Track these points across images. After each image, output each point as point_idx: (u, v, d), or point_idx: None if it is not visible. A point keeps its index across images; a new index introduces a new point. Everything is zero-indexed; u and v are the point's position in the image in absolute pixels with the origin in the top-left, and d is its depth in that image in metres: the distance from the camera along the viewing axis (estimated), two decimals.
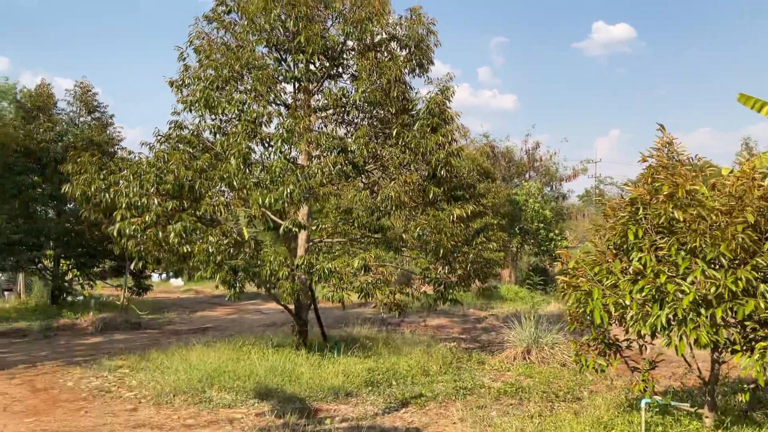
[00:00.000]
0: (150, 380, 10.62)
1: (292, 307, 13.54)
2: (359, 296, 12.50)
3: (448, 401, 9.69)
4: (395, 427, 8.25)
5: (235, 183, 11.65)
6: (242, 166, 11.76)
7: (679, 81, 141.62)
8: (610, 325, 7.85)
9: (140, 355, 12.69)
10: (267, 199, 11.11)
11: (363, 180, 14.50)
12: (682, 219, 7.05)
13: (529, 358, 12.76)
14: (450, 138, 13.03)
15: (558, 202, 35.97)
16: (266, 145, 12.69)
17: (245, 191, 12.17)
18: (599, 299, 7.59)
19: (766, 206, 6.91)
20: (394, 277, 16.39)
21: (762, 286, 6.64)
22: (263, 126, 12.59)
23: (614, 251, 8.09)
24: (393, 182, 12.37)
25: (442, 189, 13.20)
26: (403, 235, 13.69)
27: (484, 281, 15.58)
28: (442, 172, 12.85)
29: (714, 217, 6.92)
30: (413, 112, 13.58)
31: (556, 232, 31.14)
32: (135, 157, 13.04)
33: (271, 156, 12.45)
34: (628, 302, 7.21)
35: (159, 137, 13.31)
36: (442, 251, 12.73)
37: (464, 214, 12.86)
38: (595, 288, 7.67)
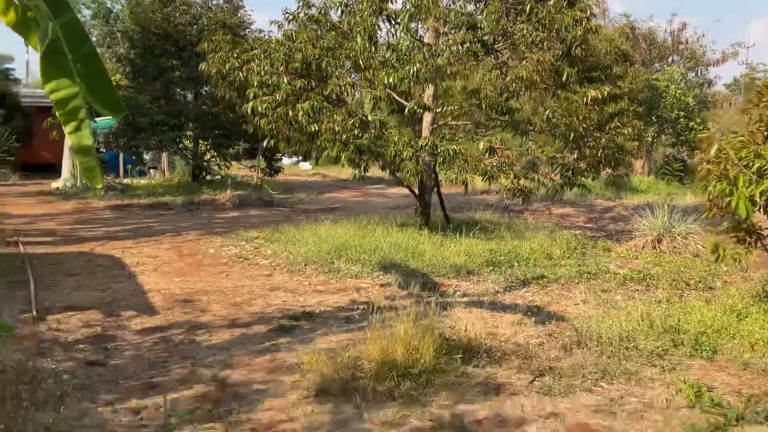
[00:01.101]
0: (283, 250, 11.27)
1: (415, 189, 13.69)
2: (483, 179, 12.38)
3: (571, 284, 9.62)
4: (516, 303, 8.32)
5: (360, 62, 11.62)
6: (368, 44, 11.67)
7: None
8: (754, 213, 7.34)
9: (273, 228, 13.42)
10: (392, 78, 11.02)
11: (492, 60, 13.99)
12: None
13: (659, 247, 12.28)
14: (588, 13, 12.18)
15: (703, 89, 33.23)
16: (393, 21, 12.43)
17: (371, 71, 12.11)
18: (744, 188, 7.06)
19: None
20: (520, 163, 16.03)
21: None
22: (390, 2, 12.30)
23: (765, 133, 7.44)
24: (525, 61, 11.84)
25: (576, 69, 12.50)
26: (533, 118, 13.24)
27: (616, 168, 14.94)
28: (578, 51, 12.13)
29: None
30: None
31: (698, 121, 28.95)
32: (266, 36, 13.27)
33: (398, 33, 12.23)
34: None
35: (287, 15, 13.39)
36: (573, 135, 12.25)
37: (599, 96, 12.19)
38: (741, 175, 7.13)
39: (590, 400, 5.14)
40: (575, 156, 13.24)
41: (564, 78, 12.08)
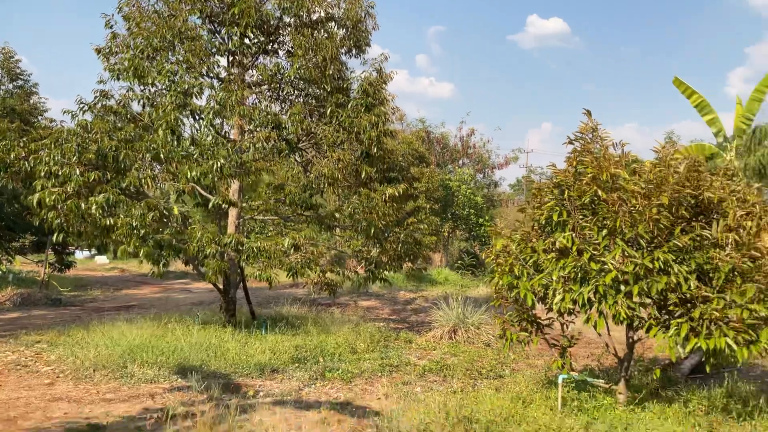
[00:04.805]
0: (69, 355, 10.27)
1: (220, 285, 13.33)
2: (288, 275, 12.39)
3: (374, 377, 9.77)
4: (320, 401, 8.25)
5: (162, 155, 11.32)
6: (170, 138, 11.46)
7: (610, 77, 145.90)
8: (535, 305, 8.09)
9: (59, 330, 12.25)
10: (195, 172, 10.86)
11: (297, 158, 14.37)
12: (605, 199, 7.30)
13: (455, 337, 12.98)
14: (384, 118, 13.04)
15: (490, 189, 36.63)
16: (197, 117, 12.39)
17: (174, 164, 11.85)
18: (526, 280, 7.82)
19: (681, 191, 7.23)
20: (326, 258, 16.34)
21: (676, 267, 6.96)
22: (194, 98, 12.27)
23: (539, 231, 8.32)
24: (326, 160, 12.30)
25: (375, 169, 13.22)
26: (336, 214, 13.66)
27: (414, 262, 15.75)
28: (375, 151, 12.85)
29: (633, 200, 7.19)
30: (348, 92, 13.53)
31: (487, 218, 31.70)
32: (57, 125, 12.50)
33: (202, 129, 12.18)
34: (555, 278, 7.43)
35: (82, 105, 12.76)
36: (373, 231, 12.78)
37: (396, 194, 12.93)
38: (524, 270, 7.89)
39: None
40: (377, 250, 13.80)
41: (364, 176, 12.68)
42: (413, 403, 8.15)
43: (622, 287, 7.02)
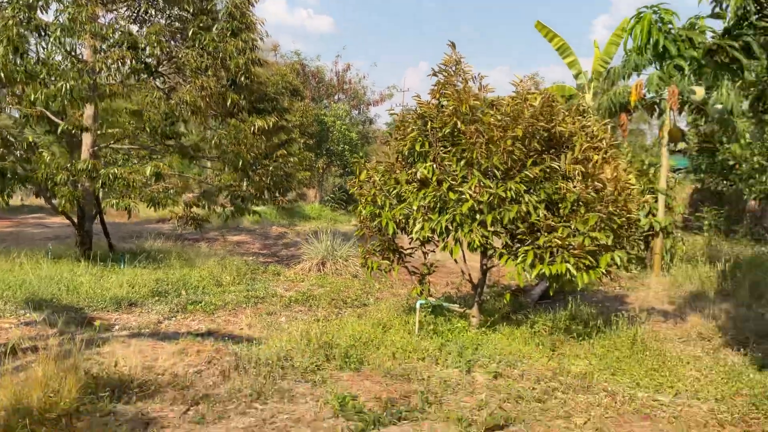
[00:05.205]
0: None
1: (75, 218, 12.56)
2: (149, 206, 11.90)
3: (239, 309, 9.68)
4: (179, 332, 8.06)
5: (2, 75, 10.31)
6: (12, 56, 10.42)
7: (485, 19, 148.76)
8: (397, 234, 8.25)
9: None
10: (41, 95, 10.01)
11: (158, 84, 13.58)
12: (464, 131, 7.46)
13: (323, 270, 13.09)
14: (252, 44, 12.55)
15: (365, 126, 36.67)
16: (43, 33, 11.33)
17: (20, 87, 10.87)
18: (389, 210, 7.93)
19: (535, 124, 7.52)
20: (195, 191, 15.75)
21: (527, 197, 7.30)
22: (40, 12, 11.19)
23: (403, 163, 8.42)
24: (189, 86, 11.72)
25: (243, 98, 12.77)
26: (201, 144, 13.16)
27: (285, 195, 15.59)
28: (243, 80, 12.40)
29: (491, 133, 7.40)
30: (215, 15, 12.83)
31: (361, 154, 31.84)
32: None
33: (50, 47, 11.18)
34: (415, 208, 7.58)
35: None
36: (241, 163, 12.46)
37: (266, 126, 12.62)
38: (387, 200, 7.99)
39: (243, 423, 5.16)
40: (246, 183, 13.48)
41: (230, 106, 12.23)
42: (276, 331, 8.18)
43: (478, 216, 7.28)
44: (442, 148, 7.74)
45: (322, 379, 6.30)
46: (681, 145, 17.28)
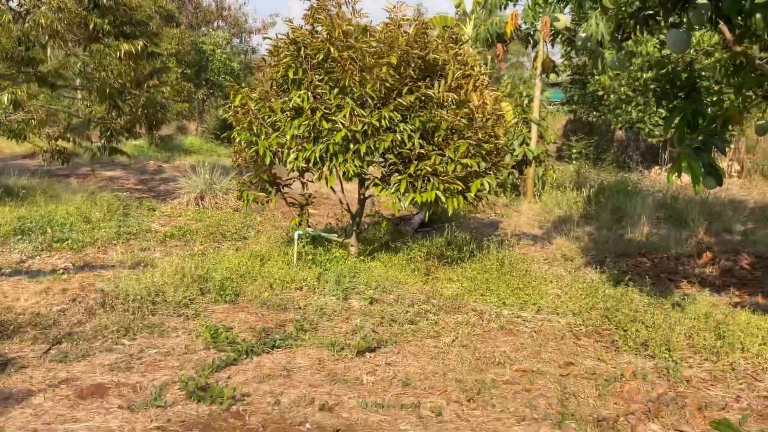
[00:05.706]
0: None
1: None
2: (9, 137, 11.02)
3: (109, 245, 9.25)
4: (43, 270, 7.65)
5: None
6: None
7: None
8: (274, 164, 8.08)
9: None
10: None
11: (11, 5, 12.33)
12: (338, 58, 7.32)
13: (202, 204, 12.71)
14: None
15: (247, 55, 35.32)
16: None
17: None
18: (264, 139, 7.73)
19: (409, 51, 7.49)
20: (62, 124, 14.61)
21: (402, 125, 7.33)
22: None
23: (277, 90, 8.20)
24: (44, 8, 10.73)
25: (107, 22, 11.85)
26: (63, 72, 12.20)
27: (158, 128, 14.86)
28: (106, 2, 11.48)
29: (365, 60, 7.30)
30: None
31: (244, 85, 30.73)
32: None
33: None
34: (288, 137, 7.43)
35: None
36: (108, 91, 11.69)
37: (134, 51, 11.81)
38: (263, 129, 7.77)
39: (108, 359, 5.00)
40: (114, 114, 12.69)
41: (93, 29, 11.34)
42: (150, 267, 7.91)
43: (352, 146, 7.25)
44: (316, 76, 7.57)
45: (196, 313, 6.21)
46: (554, 78, 17.87)
